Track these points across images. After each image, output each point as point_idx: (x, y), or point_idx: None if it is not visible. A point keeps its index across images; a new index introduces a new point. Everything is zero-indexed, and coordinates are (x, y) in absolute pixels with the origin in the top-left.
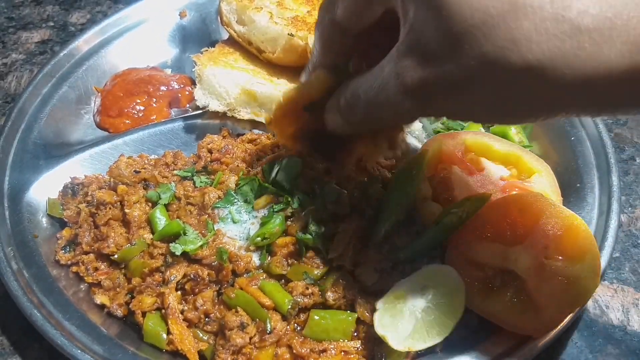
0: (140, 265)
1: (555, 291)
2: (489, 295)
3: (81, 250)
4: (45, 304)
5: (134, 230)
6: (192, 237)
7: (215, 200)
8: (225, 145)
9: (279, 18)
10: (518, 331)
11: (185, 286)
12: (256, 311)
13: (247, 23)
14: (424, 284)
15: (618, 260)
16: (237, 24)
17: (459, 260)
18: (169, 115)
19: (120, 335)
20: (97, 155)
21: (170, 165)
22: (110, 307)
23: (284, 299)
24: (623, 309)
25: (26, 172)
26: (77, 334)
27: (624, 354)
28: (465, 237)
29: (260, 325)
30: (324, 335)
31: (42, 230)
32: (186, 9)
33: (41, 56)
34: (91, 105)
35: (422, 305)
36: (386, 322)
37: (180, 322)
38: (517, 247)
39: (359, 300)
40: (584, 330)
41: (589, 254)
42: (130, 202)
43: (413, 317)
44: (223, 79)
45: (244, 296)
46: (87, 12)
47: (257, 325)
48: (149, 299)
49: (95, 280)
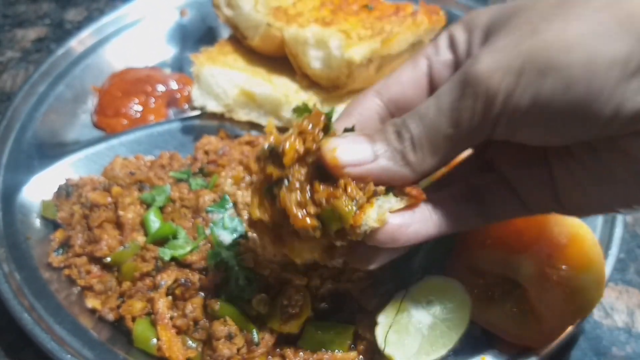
0: (132, 268)
1: (557, 301)
2: (489, 304)
3: (74, 253)
4: (36, 307)
5: (128, 232)
6: (181, 242)
7: (209, 204)
8: (222, 147)
9: (262, 7)
10: (518, 342)
11: (176, 291)
12: (243, 322)
13: (234, 8)
14: (429, 297)
15: (623, 261)
16: (227, 7)
17: (460, 267)
18: (167, 115)
19: (111, 340)
20: (92, 156)
21: (166, 167)
22: (101, 311)
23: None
24: (628, 310)
25: (20, 172)
26: (67, 339)
27: (629, 356)
28: (467, 243)
29: (248, 336)
30: (320, 347)
31: (35, 232)
32: (186, 8)
33: (37, 54)
34: (88, 105)
35: (428, 321)
36: (391, 339)
37: (170, 329)
38: (520, 255)
39: (358, 315)
40: (588, 333)
41: (594, 264)
42: (124, 204)
43: (419, 333)
44: (221, 79)
45: (227, 308)
46: (84, 9)
47: (245, 336)
48: (139, 303)
49: (87, 284)
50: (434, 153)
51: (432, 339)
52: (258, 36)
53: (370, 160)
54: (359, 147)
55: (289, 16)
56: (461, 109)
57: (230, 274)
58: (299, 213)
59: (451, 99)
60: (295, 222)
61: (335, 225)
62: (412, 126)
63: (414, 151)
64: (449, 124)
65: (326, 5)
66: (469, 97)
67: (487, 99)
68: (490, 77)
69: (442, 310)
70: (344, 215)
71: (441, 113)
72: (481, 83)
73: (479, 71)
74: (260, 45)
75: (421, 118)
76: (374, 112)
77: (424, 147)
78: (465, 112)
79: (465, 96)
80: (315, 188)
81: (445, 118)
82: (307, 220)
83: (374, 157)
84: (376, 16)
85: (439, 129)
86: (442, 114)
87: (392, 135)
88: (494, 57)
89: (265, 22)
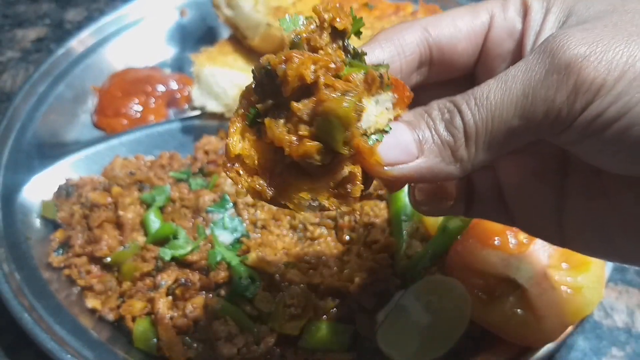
0: (132, 268)
1: (557, 301)
2: (489, 304)
3: (74, 253)
4: (36, 307)
5: (128, 232)
6: (182, 242)
7: (209, 204)
8: (222, 147)
9: (262, 7)
10: (517, 342)
11: (176, 291)
12: (243, 322)
13: (234, 7)
14: (429, 297)
15: None
16: (227, 7)
17: (459, 268)
18: (167, 115)
19: (111, 340)
20: (92, 156)
21: (166, 167)
22: (101, 311)
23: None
24: (628, 311)
25: (20, 172)
26: (67, 339)
27: (629, 356)
28: (467, 243)
29: (249, 336)
30: (319, 346)
31: (35, 232)
32: (186, 8)
33: (37, 54)
34: (88, 105)
35: (427, 320)
36: (391, 338)
37: (170, 329)
38: (520, 255)
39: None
40: (588, 333)
41: (595, 264)
42: (124, 204)
43: (418, 333)
44: (221, 79)
45: (228, 307)
46: (84, 10)
47: (245, 336)
48: (139, 303)
49: (87, 284)
50: (489, 148)
51: (432, 338)
52: (258, 36)
53: (415, 156)
54: (400, 139)
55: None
56: (539, 98)
57: (233, 273)
58: (294, 139)
59: (527, 82)
60: (292, 150)
61: (338, 134)
62: (466, 112)
63: (467, 145)
64: (517, 113)
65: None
66: (553, 85)
67: (583, 93)
68: (596, 69)
69: (442, 310)
70: (343, 114)
71: (509, 98)
72: (580, 72)
73: (577, 57)
74: (260, 45)
75: (480, 102)
76: (414, 47)
77: (480, 140)
78: (543, 103)
79: (548, 81)
80: (294, 108)
81: (513, 106)
82: (307, 143)
83: (419, 152)
84: (376, 15)
85: (502, 119)
86: (511, 101)
87: (440, 123)
88: (594, 49)
89: (265, 22)
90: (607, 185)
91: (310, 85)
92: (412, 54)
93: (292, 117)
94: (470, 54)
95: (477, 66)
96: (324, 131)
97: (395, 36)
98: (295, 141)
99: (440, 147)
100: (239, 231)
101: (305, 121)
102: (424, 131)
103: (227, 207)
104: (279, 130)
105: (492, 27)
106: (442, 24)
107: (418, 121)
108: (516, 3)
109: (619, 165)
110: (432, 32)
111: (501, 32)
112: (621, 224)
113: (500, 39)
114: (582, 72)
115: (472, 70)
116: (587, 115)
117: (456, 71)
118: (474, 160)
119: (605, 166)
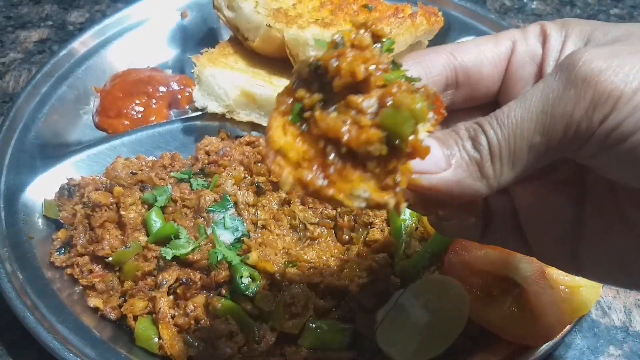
0: (134, 268)
1: (555, 300)
2: (487, 303)
3: (76, 252)
4: (39, 306)
5: (129, 232)
6: (183, 242)
7: (210, 204)
8: (223, 148)
9: (263, 8)
10: (516, 340)
11: (177, 290)
12: (244, 321)
13: (235, 9)
14: (428, 296)
15: None
16: (227, 9)
17: (458, 267)
18: (168, 116)
19: (113, 339)
20: (94, 156)
21: (168, 167)
22: (103, 310)
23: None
24: (625, 310)
25: (23, 172)
26: (70, 337)
27: (626, 355)
28: (465, 243)
29: (249, 335)
30: (319, 345)
31: (37, 232)
32: (187, 9)
33: (39, 55)
34: (90, 106)
35: (425, 320)
36: (389, 337)
37: (171, 327)
38: (518, 254)
39: (358, 314)
40: (585, 332)
41: None
42: (126, 204)
43: (417, 332)
44: (222, 80)
45: (229, 306)
46: (86, 11)
47: (246, 335)
48: (140, 302)
49: (89, 283)
50: (513, 165)
51: (431, 337)
52: (258, 37)
53: (444, 168)
54: (432, 152)
55: (289, 17)
56: (558, 114)
57: (234, 272)
58: (354, 129)
59: (545, 99)
60: (351, 138)
61: (408, 128)
62: (489, 131)
63: (492, 162)
64: (537, 130)
65: (326, 6)
66: (571, 100)
67: (601, 105)
68: (613, 82)
69: (441, 309)
70: (418, 109)
71: (529, 116)
72: (598, 85)
73: (594, 71)
74: (260, 47)
75: (501, 121)
76: (441, 69)
77: (504, 157)
78: (562, 118)
79: (566, 96)
80: (352, 101)
81: (533, 123)
82: (370, 131)
83: (447, 165)
84: (375, 17)
85: (524, 135)
86: (530, 119)
87: (467, 141)
88: (610, 63)
89: (265, 23)
90: (624, 207)
91: (359, 82)
92: (438, 75)
93: (345, 109)
94: (495, 79)
95: (500, 93)
96: (393, 123)
97: (422, 58)
98: (355, 131)
99: (467, 162)
100: (239, 231)
101: (368, 113)
102: (452, 147)
103: (228, 207)
104: (333, 121)
105: (515, 52)
106: (466, 49)
107: (447, 138)
108: (536, 31)
109: (635, 180)
110: (458, 56)
111: (523, 56)
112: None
113: (523, 61)
114: (599, 85)
115: (496, 97)
116: (606, 127)
117: (480, 97)
118: (500, 178)
119: (623, 179)
